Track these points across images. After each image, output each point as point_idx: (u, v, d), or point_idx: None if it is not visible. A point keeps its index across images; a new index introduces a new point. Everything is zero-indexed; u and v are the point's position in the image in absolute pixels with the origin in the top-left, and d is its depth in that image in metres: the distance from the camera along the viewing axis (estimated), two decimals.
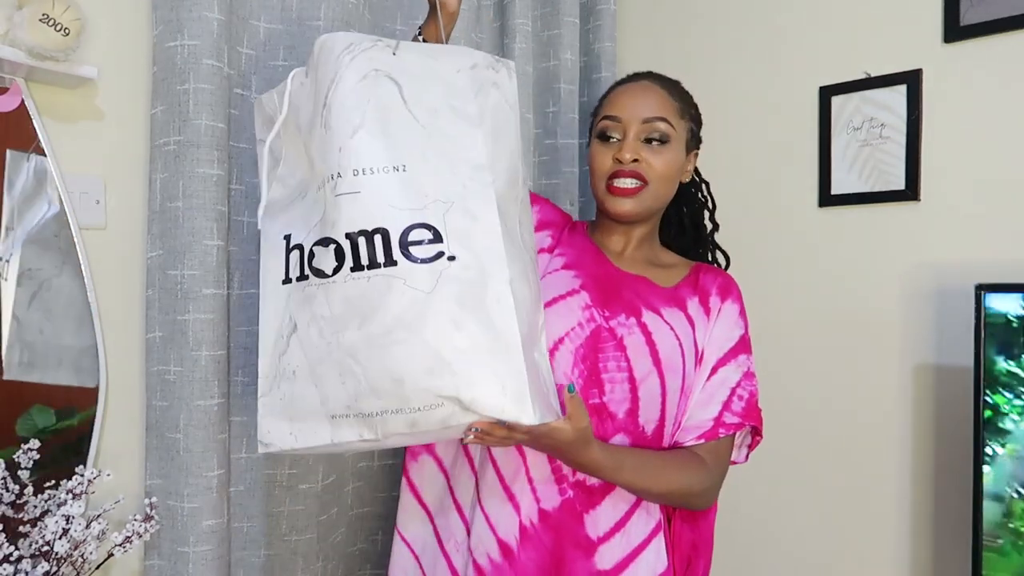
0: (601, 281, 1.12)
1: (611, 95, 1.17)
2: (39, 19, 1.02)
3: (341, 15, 1.30)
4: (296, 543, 1.32)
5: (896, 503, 1.37)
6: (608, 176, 1.11)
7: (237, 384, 1.28)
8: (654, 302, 1.12)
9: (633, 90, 1.15)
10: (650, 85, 1.15)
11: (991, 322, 1.11)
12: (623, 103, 1.13)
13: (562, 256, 1.15)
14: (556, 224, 1.21)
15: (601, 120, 1.14)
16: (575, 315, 1.08)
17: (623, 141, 1.11)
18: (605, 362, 1.06)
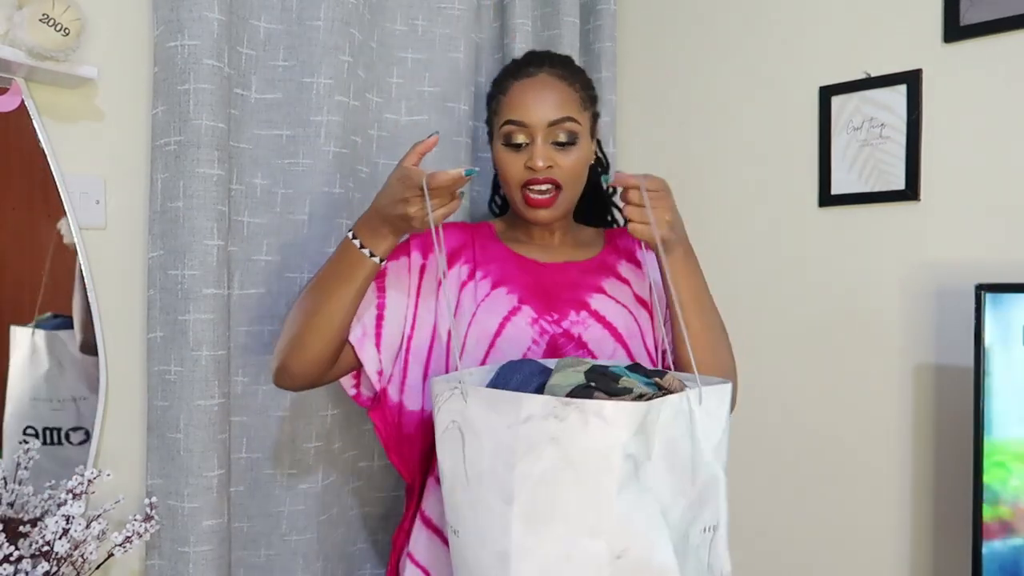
0: (535, 288, 1.11)
1: (510, 94, 1.11)
2: (39, 19, 1.02)
3: (341, 15, 1.30)
4: (296, 543, 1.32)
5: (896, 503, 1.37)
6: (522, 185, 1.09)
7: (237, 384, 1.28)
8: (592, 281, 1.13)
9: (534, 89, 1.10)
10: (549, 80, 1.11)
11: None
12: (527, 106, 1.09)
13: (487, 276, 1.11)
14: (465, 245, 1.15)
15: (505, 125, 1.10)
16: (526, 334, 1.06)
17: (532, 147, 1.08)
18: None
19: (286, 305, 1.29)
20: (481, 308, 1.07)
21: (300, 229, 1.31)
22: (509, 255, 1.14)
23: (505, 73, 1.16)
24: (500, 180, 1.14)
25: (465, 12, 1.49)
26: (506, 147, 1.10)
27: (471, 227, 1.19)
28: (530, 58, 1.16)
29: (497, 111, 1.13)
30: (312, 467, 1.32)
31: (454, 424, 0.82)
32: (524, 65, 1.14)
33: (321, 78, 1.29)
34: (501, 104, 1.12)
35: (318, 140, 1.30)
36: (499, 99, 1.13)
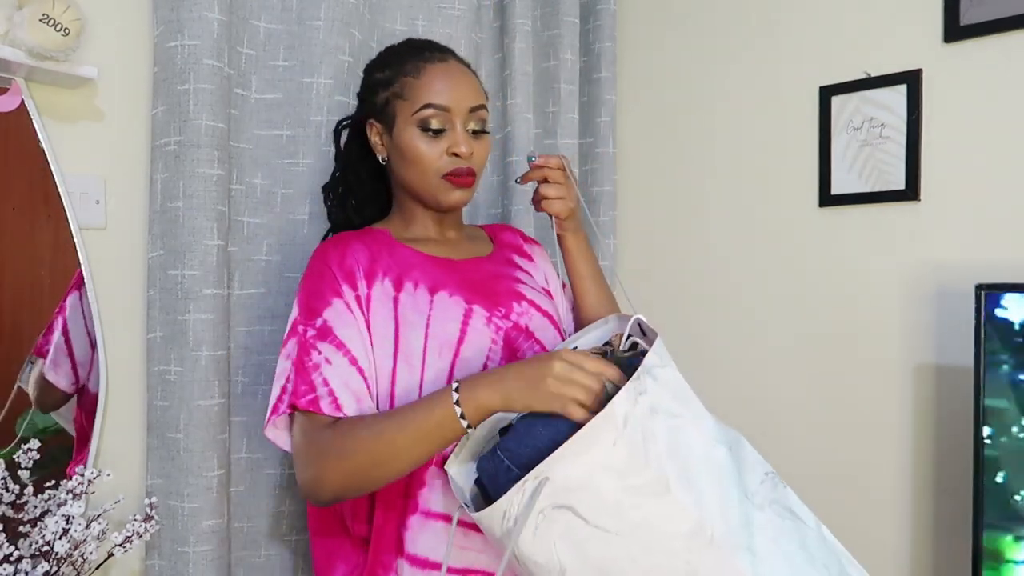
0: (470, 286, 1.06)
1: (426, 77, 1.05)
2: (39, 19, 1.02)
3: (341, 15, 1.30)
4: (296, 543, 1.32)
5: (896, 503, 1.37)
6: (444, 172, 1.04)
7: (237, 384, 1.28)
8: (507, 273, 1.12)
9: (452, 74, 1.06)
10: (464, 69, 1.08)
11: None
12: (448, 91, 1.04)
13: (418, 284, 1.03)
14: (374, 257, 1.04)
15: (423, 109, 1.03)
16: (485, 336, 1.02)
17: (452, 133, 1.04)
18: (523, 355, 1.04)
19: (286, 305, 1.30)
20: (433, 317, 1.00)
21: (300, 229, 1.31)
22: (423, 258, 1.07)
23: (405, 54, 1.08)
24: (407, 169, 1.06)
25: (465, 12, 1.49)
26: (423, 132, 1.04)
27: (360, 236, 1.08)
28: (427, 44, 1.10)
29: (406, 94, 1.05)
30: None
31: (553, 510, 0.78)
32: (427, 50, 1.08)
33: (321, 78, 1.29)
34: (412, 87, 1.05)
35: (318, 140, 1.30)
36: (406, 81, 1.05)
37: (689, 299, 1.68)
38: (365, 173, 1.16)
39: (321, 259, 1.03)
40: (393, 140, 1.07)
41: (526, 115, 1.59)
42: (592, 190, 1.71)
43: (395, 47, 1.12)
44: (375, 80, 1.10)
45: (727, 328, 1.61)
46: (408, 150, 1.05)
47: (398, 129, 1.06)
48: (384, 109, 1.08)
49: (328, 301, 0.99)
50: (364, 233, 1.09)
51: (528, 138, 1.60)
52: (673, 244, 1.71)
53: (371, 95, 1.10)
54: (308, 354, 0.96)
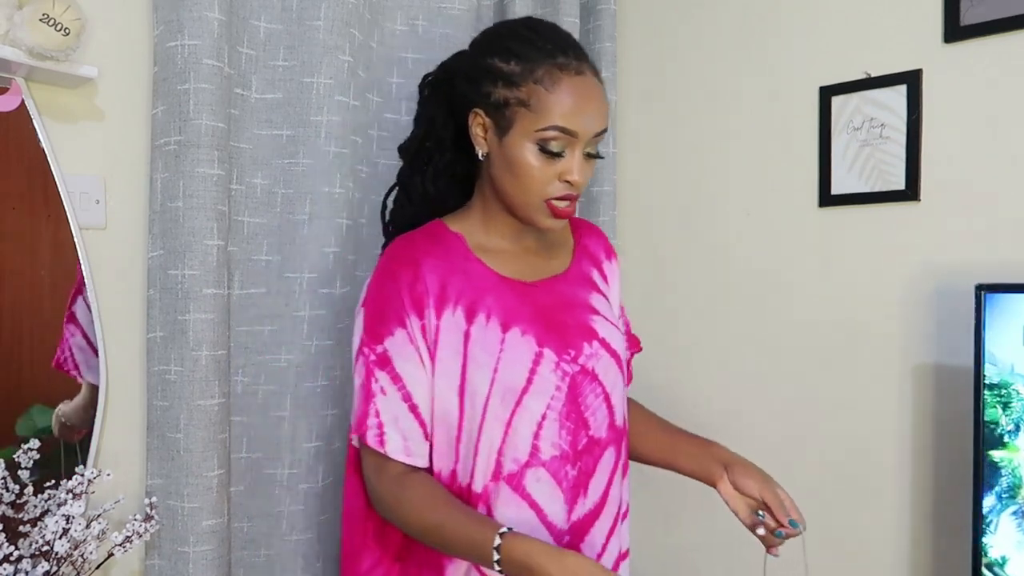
0: (542, 320, 1.01)
1: (561, 92, 0.95)
2: (39, 19, 1.02)
3: (341, 15, 1.30)
4: (296, 543, 1.32)
5: (896, 503, 1.37)
6: (549, 196, 0.98)
7: (237, 384, 1.28)
8: (582, 298, 1.07)
9: (589, 94, 0.97)
10: (597, 85, 0.99)
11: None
12: (580, 115, 0.95)
13: (490, 316, 0.99)
14: (447, 278, 0.99)
15: (549, 130, 0.95)
16: (550, 383, 0.99)
17: (569, 157, 0.97)
18: (585, 400, 1.02)
19: (286, 305, 1.30)
20: (503, 360, 0.97)
21: (300, 229, 1.31)
22: (497, 280, 1.02)
23: (538, 52, 0.97)
24: (511, 181, 0.98)
25: (465, 12, 1.49)
26: (542, 152, 0.96)
27: (433, 248, 1.02)
28: (564, 44, 0.99)
29: (533, 106, 0.95)
30: (312, 467, 1.32)
31: None
32: (563, 53, 0.97)
33: (321, 78, 1.29)
34: (542, 100, 0.95)
35: (318, 140, 1.30)
36: (536, 91, 0.95)
37: (689, 299, 1.68)
38: (449, 142, 1.07)
39: (391, 275, 0.99)
40: (502, 145, 0.98)
41: None
42: (592, 190, 1.71)
43: (524, 33, 1.00)
44: (496, 70, 0.98)
45: (727, 328, 1.61)
46: (519, 165, 0.97)
47: (512, 138, 0.97)
48: (501, 109, 0.97)
49: (391, 330, 0.97)
50: (437, 240, 1.03)
51: None
52: (673, 244, 1.71)
53: (486, 84, 0.98)
54: (369, 380, 0.98)
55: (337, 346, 1.33)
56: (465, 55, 1.06)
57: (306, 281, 1.30)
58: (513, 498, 0.98)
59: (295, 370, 1.30)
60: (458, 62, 1.07)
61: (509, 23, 1.07)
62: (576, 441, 1.00)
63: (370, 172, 1.42)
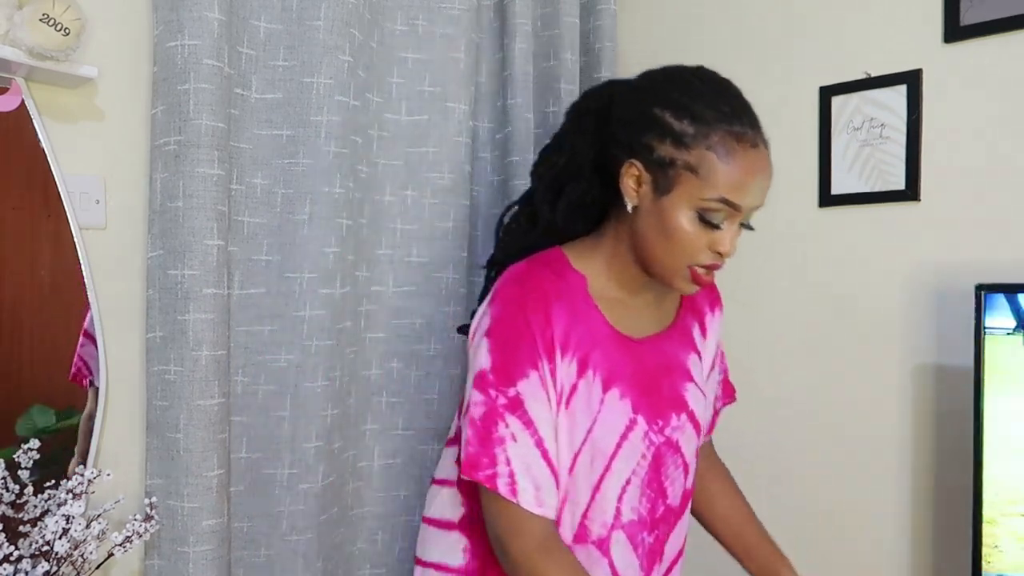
0: (641, 384, 1.00)
1: (736, 165, 0.89)
2: (39, 19, 1.02)
3: (341, 15, 1.30)
4: (296, 543, 1.32)
5: (896, 503, 1.37)
6: (694, 263, 0.94)
7: (237, 384, 1.28)
8: (681, 361, 1.05)
9: (762, 169, 0.92)
10: (768, 157, 0.94)
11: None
12: (750, 191, 0.91)
13: (597, 372, 0.97)
14: (569, 324, 0.96)
15: (716, 202, 0.90)
16: (637, 451, 0.99)
17: (726, 232, 0.92)
18: (666, 470, 1.02)
19: (286, 305, 1.30)
20: (599, 422, 0.96)
21: (300, 229, 1.31)
22: (608, 333, 0.99)
23: (715, 115, 0.91)
24: (658, 241, 0.94)
25: (465, 12, 1.49)
26: (700, 220, 0.91)
27: (560, 289, 0.97)
28: (742, 112, 0.93)
29: (702, 173, 0.90)
30: (312, 467, 1.32)
31: None
32: (740, 120, 0.92)
33: (321, 78, 1.29)
34: (714, 170, 0.89)
35: (318, 140, 1.30)
36: (709, 159, 0.89)
37: None
38: (588, 173, 1.02)
39: (522, 314, 0.94)
40: (657, 204, 0.93)
41: (526, 115, 1.58)
42: None
43: (700, 89, 0.94)
44: (665, 125, 0.92)
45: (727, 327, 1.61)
46: (673, 229, 0.92)
47: (671, 200, 0.92)
48: (664, 168, 0.92)
49: (525, 372, 0.93)
50: (561, 278, 0.98)
51: (528, 138, 1.60)
52: None
53: (651, 136, 0.93)
54: (495, 424, 0.92)
55: (337, 346, 1.33)
56: (627, 93, 0.99)
57: (306, 281, 1.30)
58: (601, 562, 0.98)
59: (295, 370, 1.30)
60: (618, 99, 1.00)
61: (681, 71, 0.98)
62: (655, 509, 1.02)
63: (370, 172, 1.42)
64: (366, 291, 1.43)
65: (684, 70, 0.97)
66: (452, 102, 1.48)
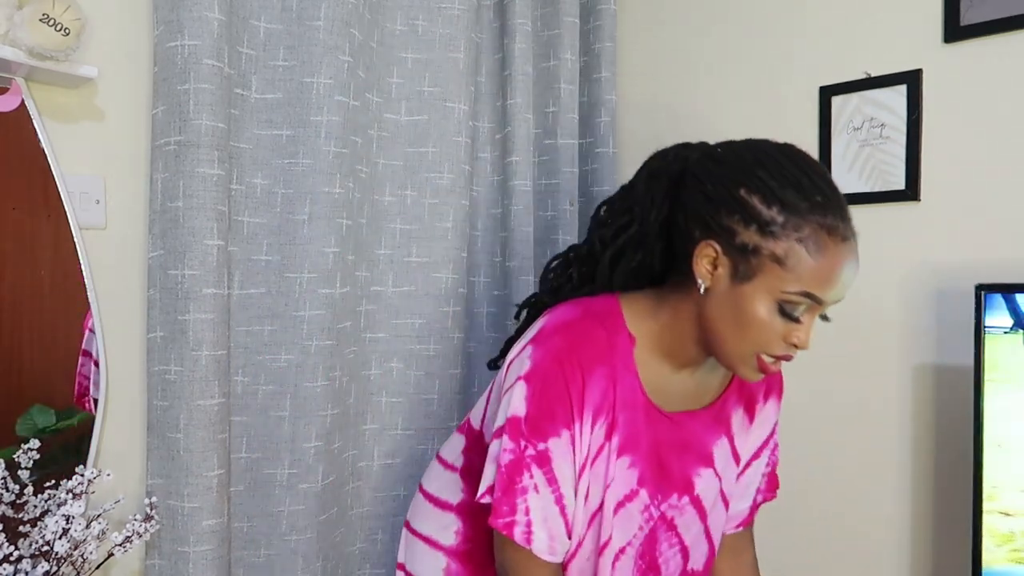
0: (653, 456, 0.98)
1: (825, 261, 0.85)
2: (39, 19, 1.02)
3: (341, 15, 1.30)
4: (296, 543, 1.32)
5: (896, 503, 1.37)
6: (765, 352, 0.90)
7: (237, 384, 1.28)
8: (706, 444, 1.03)
9: (849, 264, 0.87)
10: (856, 249, 0.89)
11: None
12: (836, 288, 0.86)
13: (617, 434, 0.95)
14: (606, 391, 0.94)
15: (800, 295, 0.85)
16: (635, 521, 0.99)
17: (805, 325, 0.88)
18: (660, 547, 1.02)
19: (286, 305, 1.30)
20: (611, 489, 0.97)
21: (300, 229, 1.31)
22: (639, 402, 0.96)
23: (808, 204, 0.86)
24: (730, 326, 0.90)
25: (465, 12, 1.49)
26: (779, 313, 0.87)
27: (609, 340, 0.94)
28: (836, 199, 0.89)
29: (789, 265, 0.85)
30: (312, 467, 1.32)
31: None
32: (834, 213, 0.87)
33: (321, 78, 1.29)
34: (802, 264, 0.84)
35: (318, 140, 1.30)
36: (797, 252, 0.84)
37: None
38: (654, 238, 0.97)
39: (562, 372, 0.91)
40: (734, 290, 0.88)
41: (526, 115, 1.59)
42: (592, 190, 1.71)
43: (792, 173, 0.87)
44: (751, 209, 0.86)
45: None
46: (750, 319, 0.87)
47: (751, 288, 0.87)
48: (745, 254, 0.87)
49: (558, 432, 0.92)
50: (611, 334, 0.95)
51: (528, 138, 1.60)
52: None
53: (733, 220, 0.87)
54: (521, 474, 0.92)
55: (337, 346, 1.33)
56: (709, 165, 0.93)
57: (306, 281, 1.30)
58: None
59: (295, 370, 1.30)
60: (697, 169, 0.93)
61: (769, 149, 0.91)
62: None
63: (370, 172, 1.42)
64: (366, 291, 1.43)
65: (772, 148, 0.91)
66: (452, 102, 1.48)
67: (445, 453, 1.15)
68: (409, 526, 1.15)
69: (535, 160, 1.66)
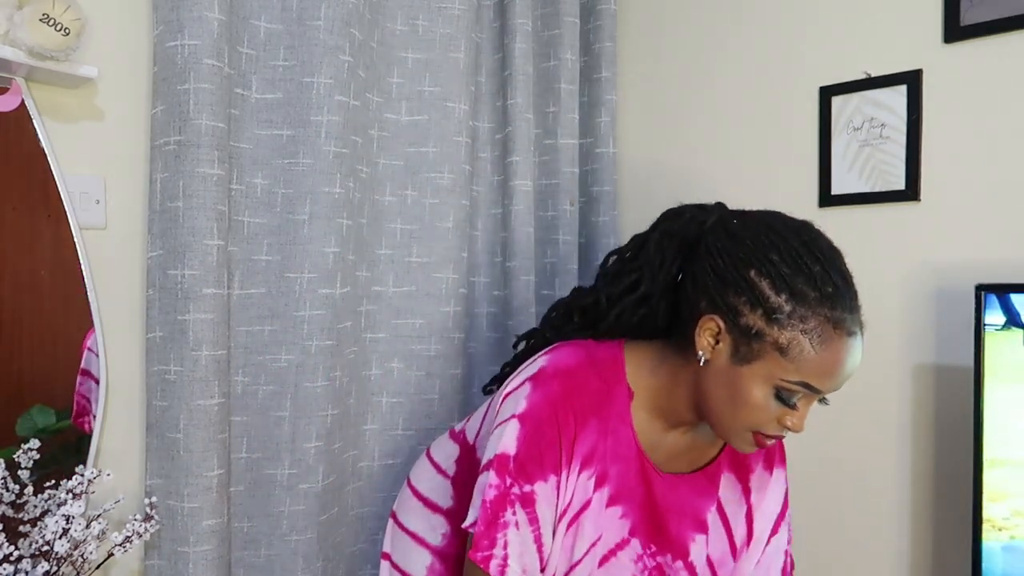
0: (648, 512, 0.99)
1: (828, 354, 0.85)
2: (39, 19, 1.02)
3: (341, 15, 1.30)
4: (296, 543, 1.32)
5: (896, 503, 1.37)
6: (759, 430, 0.90)
7: (237, 384, 1.28)
8: (699, 510, 1.02)
9: (851, 357, 0.87)
10: (861, 342, 0.89)
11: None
12: (835, 381, 0.87)
13: (608, 485, 0.96)
14: (597, 444, 0.95)
15: (798, 385, 0.85)
16: (627, 570, 0.99)
17: (801, 412, 0.88)
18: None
19: (286, 305, 1.30)
20: (602, 540, 0.97)
21: (300, 229, 1.31)
22: (633, 455, 0.96)
23: (818, 296, 0.85)
24: (725, 403, 0.90)
25: (465, 12, 1.49)
26: (775, 398, 0.87)
27: (606, 391, 0.96)
28: (847, 292, 0.88)
29: (791, 355, 0.84)
30: (312, 467, 1.32)
31: None
32: (845, 307, 0.86)
33: (321, 78, 1.29)
34: (804, 355, 0.84)
35: (318, 140, 1.30)
36: (801, 343, 0.84)
37: None
38: (659, 295, 0.98)
39: (555, 419, 0.93)
40: (732, 369, 0.88)
41: (526, 115, 1.59)
42: (592, 190, 1.71)
43: (805, 263, 0.87)
44: (758, 293, 0.86)
45: None
46: (745, 401, 0.88)
47: (749, 371, 0.87)
48: (747, 337, 0.87)
49: (545, 476, 0.93)
50: (609, 384, 0.96)
51: (528, 138, 1.60)
52: None
53: (740, 300, 0.87)
54: (504, 509, 0.93)
55: (337, 346, 1.33)
56: (723, 239, 0.92)
57: (306, 281, 1.30)
58: None
59: (295, 370, 1.30)
60: (711, 240, 0.93)
61: (786, 230, 0.91)
62: None
63: (370, 172, 1.42)
64: (366, 291, 1.43)
65: (789, 229, 0.91)
66: (452, 102, 1.48)
67: (437, 455, 1.16)
68: (396, 519, 1.16)
69: (535, 160, 1.66)
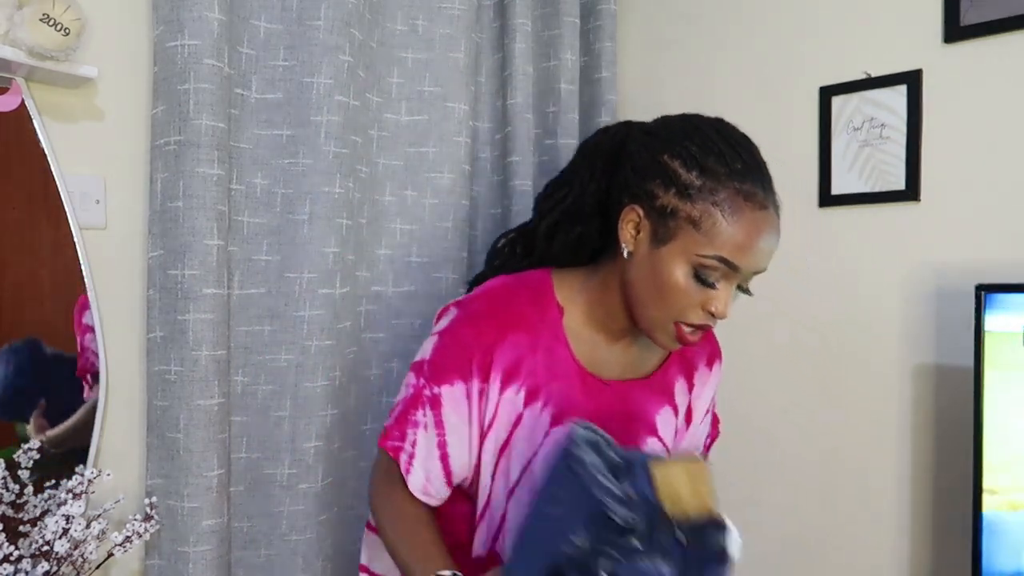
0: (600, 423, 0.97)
1: (740, 226, 0.86)
2: (39, 19, 1.02)
3: (341, 15, 1.30)
4: (296, 543, 1.32)
5: (896, 503, 1.37)
6: (682, 321, 0.90)
7: (237, 384, 1.28)
8: (649, 412, 1.03)
9: (767, 231, 0.87)
10: (777, 222, 0.90)
11: None
12: (752, 254, 0.87)
13: (547, 406, 0.95)
14: (524, 357, 0.95)
15: (713, 259, 0.86)
16: None
17: (722, 293, 0.88)
18: None
19: (286, 305, 1.30)
20: (540, 455, 0.95)
21: (300, 229, 1.31)
22: (573, 370, 0.97)
23: (727, 171, 0.87)
24: (649, 292, 0.91)
25: (465, 12, 1.49)
26: (695, 278, 0.88)
27: (534, 312, 0.96)
28: (757, 169, 0.89)
29: (703, 228, 0.86)
30: (312, 467, 1.32)
31: None
32: (754, 179, 0.88)
33: (321, 78, 1.29)
34: (716, 226, 0.85)
35: (318, 140, 1.30)
36: (713, 214, 0.86)
37: None
38: (590, 213, 0.99)
39: (473, 331, 0.94)
40: (653, 255, 0.89)
41: (526, 115, 1.59)
42: None
43: (714, 142, 0.89)
44: (671, 173, 0.88)
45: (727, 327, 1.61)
46: (666, 283, 0.88)
47: (667, 251, 0.88)
48: (664, 218, 0.88)
49: (451, 380, 0.94)
50: (537, 306, 0.96)
51: (528, 138, 1.60)
52: None
53: (655, 184, 0.89)
54: (416, 408, 0.96)
55: (337, 346, 1.33)
56: (640, 136, 0.95)
57: (306, 281, 1.30)
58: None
59: (295, 370, 1.30)
60: (630, 142, 0.96)
61: (699, 121, 0.94)
62: None
63: (370, 172, 1.42)
64: (366, 291, 1.43)
65: (702, 121, 0.94)
66: (452, 102, 1.48)
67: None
68: (372, 528, 1.12)
69: (535, 160, 1.66)
